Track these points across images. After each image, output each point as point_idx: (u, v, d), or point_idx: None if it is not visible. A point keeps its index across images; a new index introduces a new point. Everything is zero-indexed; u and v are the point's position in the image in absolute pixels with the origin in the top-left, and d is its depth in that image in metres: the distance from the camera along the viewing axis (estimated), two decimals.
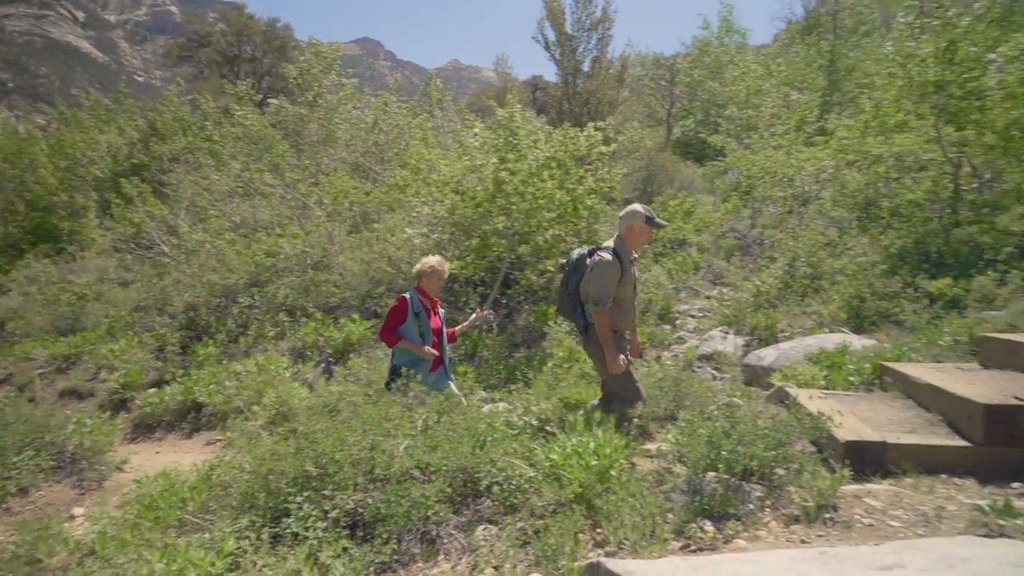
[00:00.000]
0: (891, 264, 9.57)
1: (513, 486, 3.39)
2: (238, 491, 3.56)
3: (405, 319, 5.32)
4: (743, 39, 26.75)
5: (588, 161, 10.63)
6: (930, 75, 10.32)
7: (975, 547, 2.44)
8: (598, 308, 4.41)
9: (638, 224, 4.62)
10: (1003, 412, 3.59)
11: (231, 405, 7.47)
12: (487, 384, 7.83)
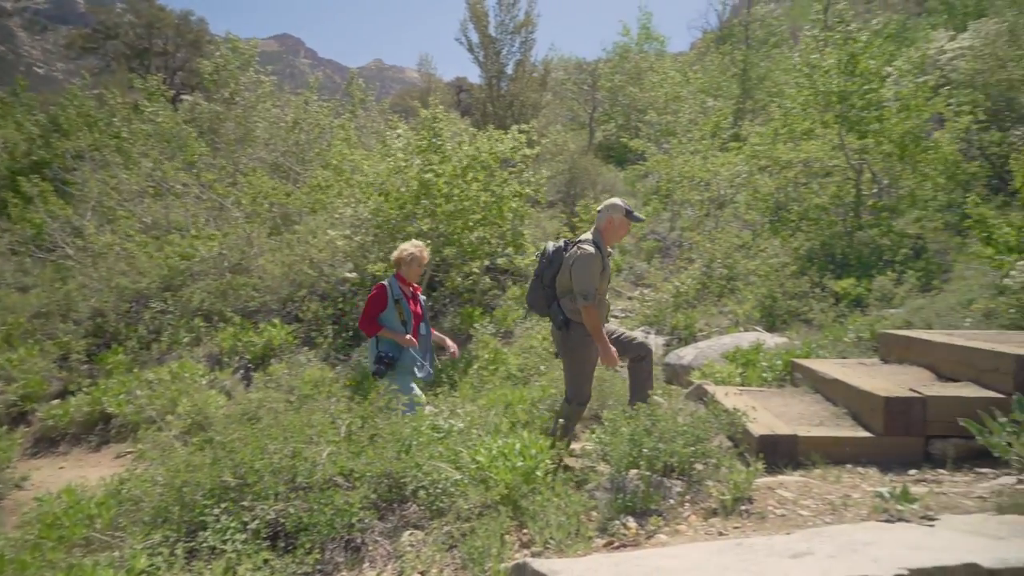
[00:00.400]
0: (800, 265, 10.05)
1: (439, 490, 3.38)
2: (150, 505, 3.41)
3: (385, 306, 5.17)
4: (662, 46, 27.52)
5: (512, 164, 10.70)
6: (833, 86, 10.90)
7: (877, 532, 2.58)
8: (587, 303, 4.32)
9: (618, 217, 4.60)
10: (901, 404, 3.83)
11: (143, 415, 7.14)
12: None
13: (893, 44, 12.04)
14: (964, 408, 3.64)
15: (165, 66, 32.05)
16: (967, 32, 14.75)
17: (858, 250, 10.16)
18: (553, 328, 4.70)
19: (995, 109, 12.69)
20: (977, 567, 2.07)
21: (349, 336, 9.36)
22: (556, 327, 4.59)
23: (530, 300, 4.83)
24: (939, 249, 10.01)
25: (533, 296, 4.77)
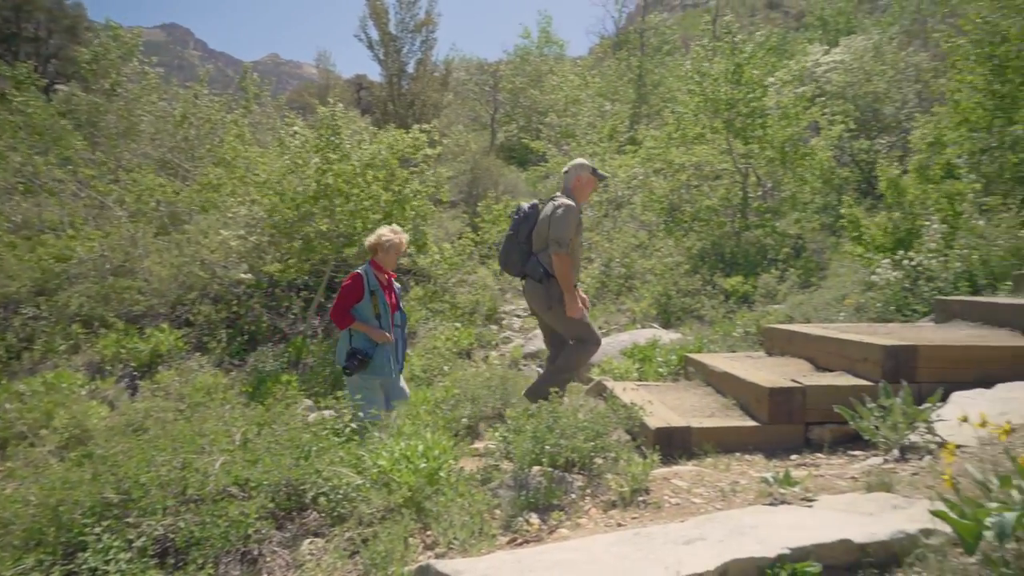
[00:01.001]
0: (693, 264, 10.51)
1: (340, 495, 3.31)
2: (22, 528, 3.16)
3: (360, 298, 4.92)
4: (561, 50, 28.06)
5: (414, 163, 10.62)
6: (722, 94, 11.47)
7: (762, 515, 2.74)
8: (560, 251, 4.40)
9: (585, 175, 4.74)
10: (783, 393, 4.08)
11: (13, 430, 6.59)
12: (312, 392, 7.57)
13: (775, 56, 12.81)
14: (839, 396, 3.91)
15: (36, 53, 29.67)
16: (839, 47, 15.89)
17: (745, 249, 10.74)
18: (530, 285, 4.70)
19: (863, 119, 13.75)
20: (849, 542, 2.23)
21: (245, 340, 9.01)
22: (536, 281, 4.61)
23: (504, 260, 4.83)
24: (817, 248, 10.72)
25: (507, 255, 4.77)
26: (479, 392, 5.54)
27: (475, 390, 5.60)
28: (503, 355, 9.02)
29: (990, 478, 2.19)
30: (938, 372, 3.97)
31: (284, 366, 8.46)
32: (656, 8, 29.12)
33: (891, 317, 6.60)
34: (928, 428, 3.42)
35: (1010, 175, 8.30)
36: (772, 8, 79.01)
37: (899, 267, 6.79)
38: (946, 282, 6.45)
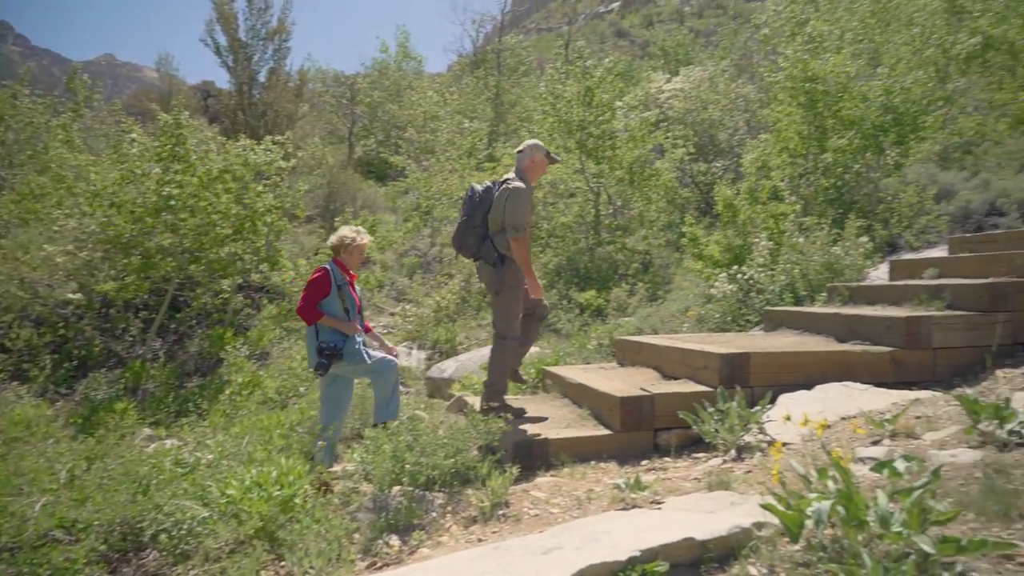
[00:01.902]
0: (550, 279, 10.84)
1: (184, 531, 3.09)
2: None
3: (328, 292, 4.86)
4: (419, 66, 28.09)
5: (267, 176, 10.19)
6: (574, 115, 11.97)
7: (615, 520, 2.86)
8: (518, 235, 4.40)
9: (539, 156, 4.76)
10: (633, 402, 4.29)
11: None
12: (153, 420, 7.01)
13: (622, 82, 13.57)
14: (683, 402, 4.18)
15: None
16: (679, 76, 17.10)
17: (598, 265, 11.24)
18: (482, 268, 4.70)
19: (701, 144, 14.86)
20: (693, 540, 2.38)
21: (73, 366, 8.20)
22: (490, 264, 4.58)
23: (458, 242, 4.75)
24: (663, 263, 11.42)
25: (462, 238, 4.69)
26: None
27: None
28: None
29: (810, 471, 2.42)
30: (768, 377, 4.35)
31: (120, 393, 7.78)
32: (512, 30, 29.93)
33: (728, 327, 7.15)
34: (760, 428, 3.73)
35: (823, 197, 9.28)
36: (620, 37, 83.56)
37: (734, 281, 7.38)
38: (773, 294, 7.09)
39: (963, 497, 2.31)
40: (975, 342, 4.39)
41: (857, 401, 3.90)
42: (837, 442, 3.37)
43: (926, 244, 7.77)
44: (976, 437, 2.91)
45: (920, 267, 5.72)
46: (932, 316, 4.46)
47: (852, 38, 14.03)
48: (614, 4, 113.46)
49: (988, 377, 4.13)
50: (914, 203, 8.12)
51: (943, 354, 4.43)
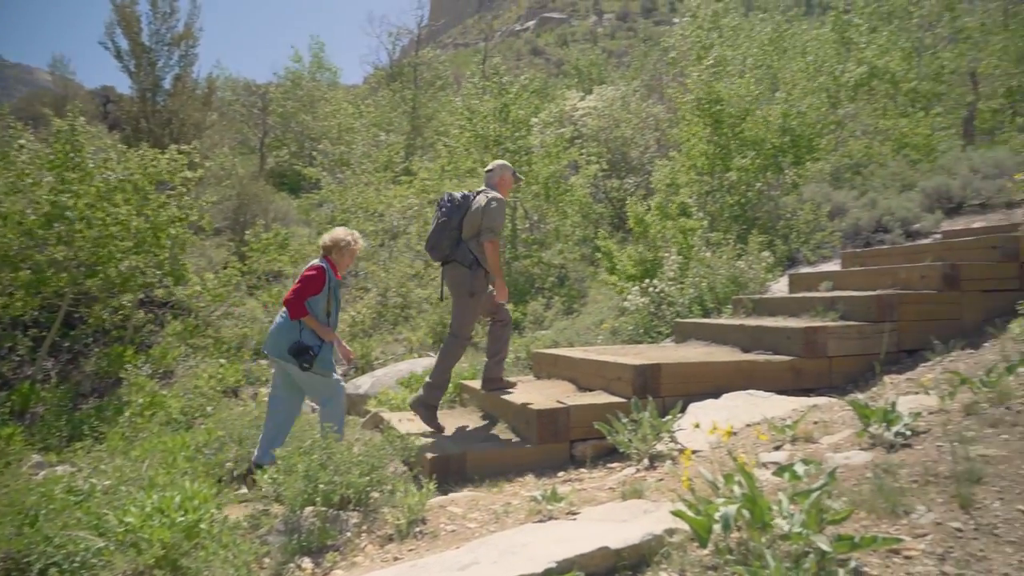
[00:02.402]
0: None
1: (77, 563, 2.89)
2: None
3: (319, 291, 4.73)
4: (335, 77, 27.66)
5: (171, 186, 9.76)
6: (490, 130, 12.08)
7: (532, 533, 2.88)
8: (493, 238, 4.76)
9: (507, 175, 5.15)
10: (550, 414, 4.34)
11: None
12: (43, 446, 6.55)
13: (538, 99, 13.82)
14: (598, 413, 4.26)
15: None
16: (593, 95, 17.56)
17: (515, 278, 11.33)
18: (453, 270, 4.92)
19: (614, 160, 15.28)
20: (607, 549, 2.43)
21: None
22: (464, 266, 4.83)
23: (432, 244, 4.97)
24: (578, 277, 11.63)
25: (436, 239, 4.92)
26: (247, 433, 5.20)
27: (242, 431, 5.25)
28: None
29: (718, 477, 2.51)
30: (679, 387, 4.49)
31: (5, 418, 7.22)
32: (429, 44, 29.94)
33: (641, 339, 7.35)
34: (671, 437, 3.84)
35: (728, 214, 9.71)
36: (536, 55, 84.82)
37: (646, 294, 7.60)
38: (683, 306, 7.34)
39: (856, 497, 2.46)
40: (866, 350, 4.69)
41: (761, 408, 4.09)
42: (743, 448, 3.51)
43: (822, 258, 8.24)
44: (867, 439, 3.09)
45: (816, 280, 6.06)
46: (827, 327, 4.73)
47: (753, 63, 14.81)
48: (530, 23, 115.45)
49: (877, 383, 4.41)
50: (810, 220, 8.61)
51: (838, 362, 4.70)
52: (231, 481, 4.38)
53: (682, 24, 20.17)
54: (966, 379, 3.40)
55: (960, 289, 4.89)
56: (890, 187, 9.50)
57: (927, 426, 3.09)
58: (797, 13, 26.77)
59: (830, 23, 18.22)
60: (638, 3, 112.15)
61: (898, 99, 13.86)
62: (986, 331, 4.59)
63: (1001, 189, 8.75)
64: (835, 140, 11.20)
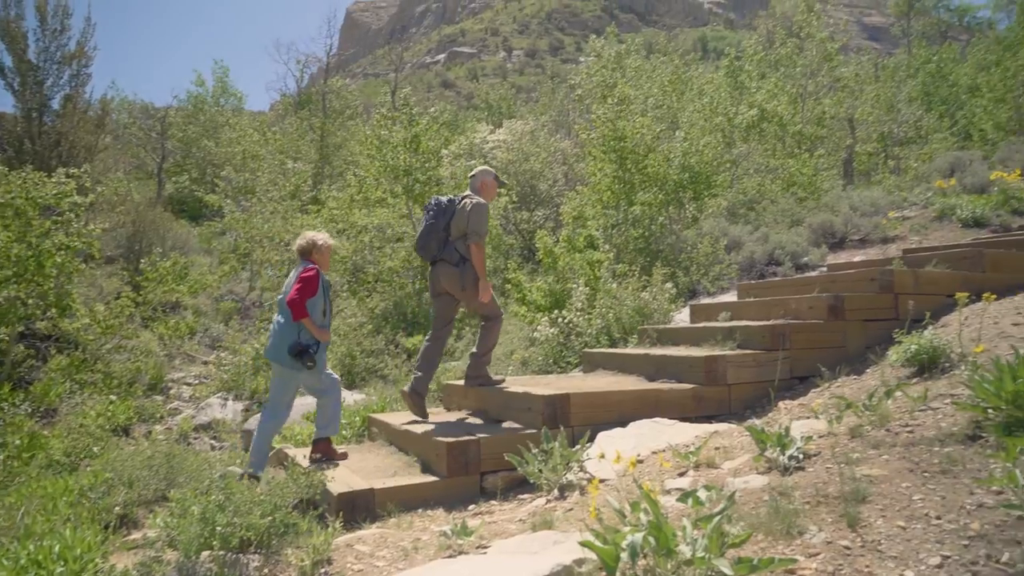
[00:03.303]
0: (376, 324, 10.67)
1: None
2: None
3: (315, 292, 4.83)
4: (240, 103, 26.96)
5: (58, 212, 9.17)
6: (400, 161, 12.06)
7: (441, 569, 2.84)
8: (479, 240, 5.06)
9: (490, 180, 5.45)
10: (459, 446, 4.31)
11: None
12: None
13: (448, 130, 13.94)
14: (509, 444, 4.27)
15: None
16: (503, 128, 17.87)
17: (425, 309, 11.25)
18: (442, 270, 5.22)
19: (524, 193, 15.54)
20: None
21: None
22: (452, 265, 5.14)
23: (421, 245, 5.30)
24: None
25: (425, 241, 5.23)
26: (138, 474, 4.88)
27: (133, 472, 4.93)
28: (170, 429, 8.08)
29: (624, 506, 2.56)
30: (587, 416, 4.57)
31: None
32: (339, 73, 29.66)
33: (551, 369, 7.44)
34: (581, 467, 3.89)
35: (633, 246, 10.05)
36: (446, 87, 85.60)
37: (555, 324, 7.72)
38: (591, 336, 7.50)
39: (754, 520, 2.56)
40: (761, 377, 4.93)
41: (666, 435, 4.21)
42: (648, 476, 3.60)
43: (720, 290, 8.65)
44: (764, 464, 3.24)
45: (716, 311, 6.34)
46: (726, 355, 4.95)
47: (654, 103, 15.51)
48: (440, 56, 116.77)
49: (772, 408, 4.64)
50: (709, 253, 9.03)
51: (736, 389, 4.92)
52: (120, 527, 4.09)
53: (588, 63, 20.96)
54: (851, 404, 3.63)
55: (844, 319, 5.24)
56: (780, 223, 10.11)
57: (818, 449, 3.27)
58: (694, 57, 28.37)
59: (724, 68, 19.41)
60: (546, 41, 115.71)
61: (786, 140, 14.85)
62: (868, 358, 4.92)
63: (877, 226, 9.49)
64: (731, 177, 11.84)
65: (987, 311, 4.72)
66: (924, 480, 2.68)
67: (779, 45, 21.09)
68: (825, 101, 18.54)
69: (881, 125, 19.37)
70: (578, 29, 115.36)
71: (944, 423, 3.21)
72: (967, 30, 34.56)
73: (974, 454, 2.79)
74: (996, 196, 9.26)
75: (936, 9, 32.98)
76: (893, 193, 11.50)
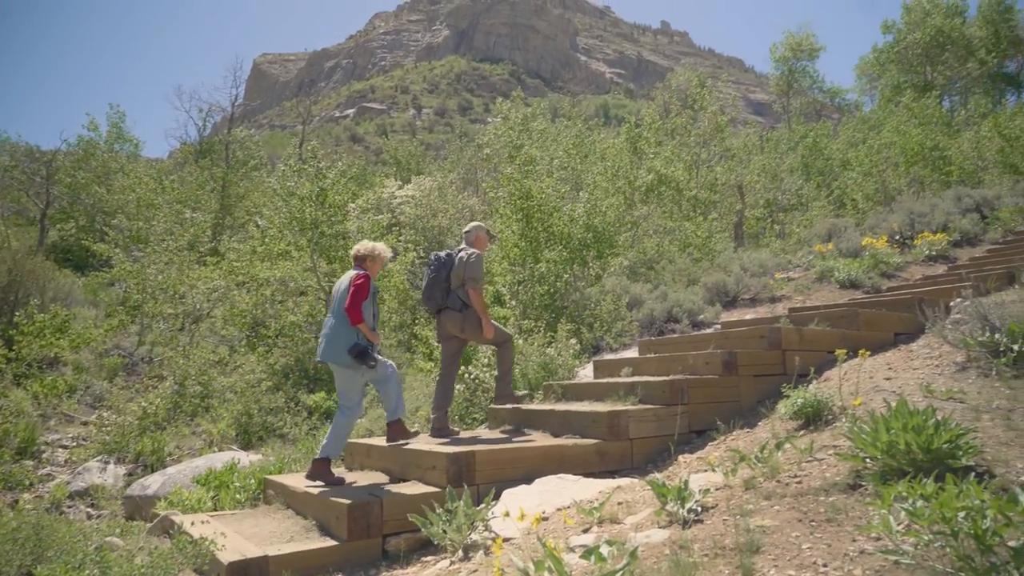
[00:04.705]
0: (276, 381, 10.27)
1: None
2: None
3: (367, 296, 5.18)
4: (136, 149, 25.91)
5: None
6: (306, 214, 11.88)
7: None
8: (476, 286, 5.66)
9: (483, 234, 6.11)
10: (361, 508, 4.17)
11: None
12: None
13: (356, 184, 13.88)
14: (412, 504, 4.17)
15: None
16: (411, 184, 17.98)
17: (327, 366, 10.94)
18: (450, 314, 5.79)
19: (431, 249, 15.58)
20: None
21: None
22: (456, 311, 5.74)
23: (427, 296, 5.89)
24: (395, 363, 11.47)
25: (431, 292, 5.84)
26: (2, 548, 4.41)
27: None
28: (40, 496, 7.39)
29: (528, 565, 2.55)
30: (493, 473, 4.54)
31: None
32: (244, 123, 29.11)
33: (456, 425, 7.36)
34: (486, 526, 3.85)
35: (539, 303, 10.21)
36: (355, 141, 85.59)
37: (461, 380, 7.67)
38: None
39: (655, 574, 2.61)
40: (662, 432, 5.07)
41: (571, 491, 4.24)
42: (553, 533, 3.60)
43: (623, 346, 8.89)
44: (665, 517, 3.32)
45: (618, 366, 6.51)
46: (628, 410, 5.07)
47: (559, 165, 16.06)
48: (350, 110, 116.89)
49: (672, 462, 4.77)
50: (612, 310, 9.30)
51: (639, 443, 5.03)
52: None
53: (495, 124, 21.55)
54: (744, 456, 3.78)
55: (738, 374, 5.49)
56: (678, 281, 10.57)
57: (715, 501, 3.38)
58: (597, 123, 29.70)
59: (624, 134, 20.40)
60: (455, 101, 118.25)
61: (682, 204, 15.66)
62: (760, 411, 5.17)
63: (766, 285, 10.08)
64: (632, 238, 12.33)
65: (863, 366, 5.08)
66: (812, 529, 2.81)
67: (675, 115, 22.49)
68: (717, 168, 19.80)
69: (767, 192, 20.82)
70: (486, 91, 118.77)
71: (828, 473, 3.40)
72: (838, 109, 38.02)
73: (855, 502, 2.97)
74: (867, 260, 10.07)
75: (811, 90, 36.12)
76: (779, 255, 12.31)
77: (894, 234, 11.66)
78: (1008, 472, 2.93)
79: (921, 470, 2.88)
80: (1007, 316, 4.43)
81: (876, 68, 32.55)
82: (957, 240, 11.27)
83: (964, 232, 11.46)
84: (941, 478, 2.51)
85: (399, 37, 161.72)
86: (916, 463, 2.93)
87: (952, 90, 32.16)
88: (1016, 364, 4.18)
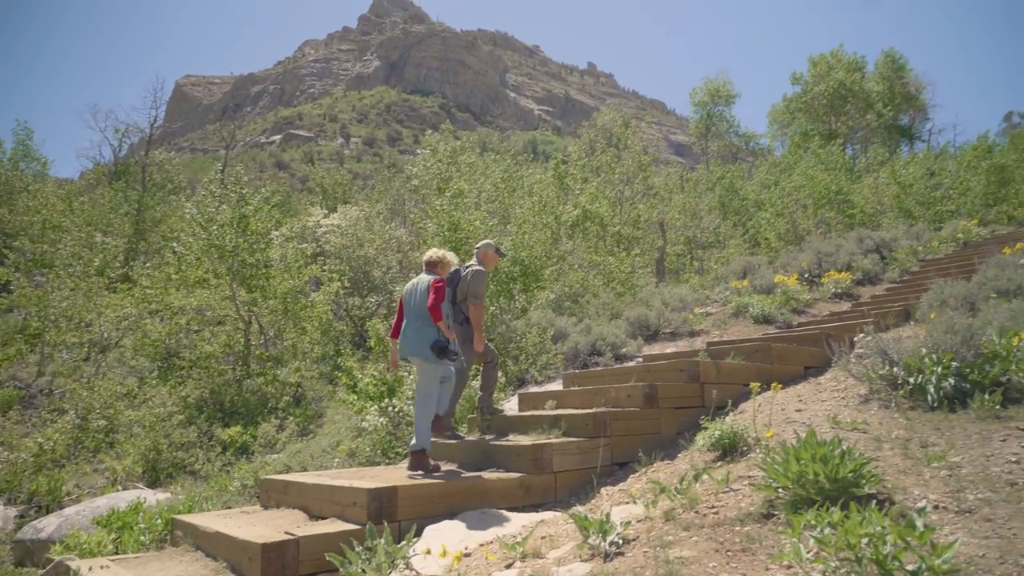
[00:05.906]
0: (189, 414, 9.83)
1: None
2: None
3: (444, 298, 5.44)
4: (43, 168, 24.60)
5: None
6: (227, 241, 11.53)
7: None
8: (477, 301, 5.87)
9: (491, 252, 6.35)
10: (276, 548, 4.00)
11: None
12: None
13: (280, 212, 13.60)
14: (331, 543, 4.02)
15: None
16: (337, 213, 17.74)
17: (246, 398, 10.56)
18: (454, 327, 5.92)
19: (357, 279, 15.37)
20: None
21: None
22: (459, 324, 6.00)
23: None
24: (316, 396, 11.19)
25: None
26: None
27: None
28: None
29: None
30: (415, 509, 4.45)
31: None
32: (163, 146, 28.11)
33: (379, 460, 7.20)
34: (407, 564, 3.75)
35: None
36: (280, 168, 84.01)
37: (384, 413, 7.55)
38: None
39: None
40: (585, 464, 5.11)
41: (494, 526, 4.20)
42: (475, 570, 3.55)
43: (547, 378, 8.95)
44: (587, 551, 3.33)
45: (543, 399, 6.54)
46: (552, 443, 5.08)
47: (488, 198, 16.20)
48: (276, 137, 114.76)
49: (595, 495, 4.80)
50: (537, 343, 9.37)
51: (562, 476, 5.04)
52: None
53: (424, 156, 21.60)
54: (664, 488, 3.85)
55: (658, 407, 5.61)
56: (602, 315, 10.76)
57: (636, 534, 3.42)
58: (525, 158, 30.21)
59: (551, 169, 20.82)
60: (384, 132, 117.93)
61: (606, 239, 16.03)
62: (680, 443, 5.28)
63: (686, 320, 10.39)
64: (557, 271, 12.51)
65: (776, 398, 5.29)
66: (728, 559, 2.88)
67: (600, 153, 23.13)
68: (640, 206, 20.42)
69: (687, 229, 21.59)
70: (416, 123, 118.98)
71: (744, 503, 3.50)
72: (752, 153, 40.02)
73: (768, 531, 3.06)
74: (780, 296, 10.55)
75: (728, 133, 37.95)
76: (698, 291, 12.73)
77: (804, 272, 12.26)
78: (906, 499, 3.10)
79: (828, 498, 3.00)
80: (903, 351, 4.71)
81: (786, 116, 34.59)
82: (860, 279, 11.95)
83: (866, 271, 12.18)
84: (846, 506, 2.62)
85: (329, 65, 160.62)
86: (824, 492, 3.06)
87: (854, 139, 34.46)
88: (912, 396, 4.44)
